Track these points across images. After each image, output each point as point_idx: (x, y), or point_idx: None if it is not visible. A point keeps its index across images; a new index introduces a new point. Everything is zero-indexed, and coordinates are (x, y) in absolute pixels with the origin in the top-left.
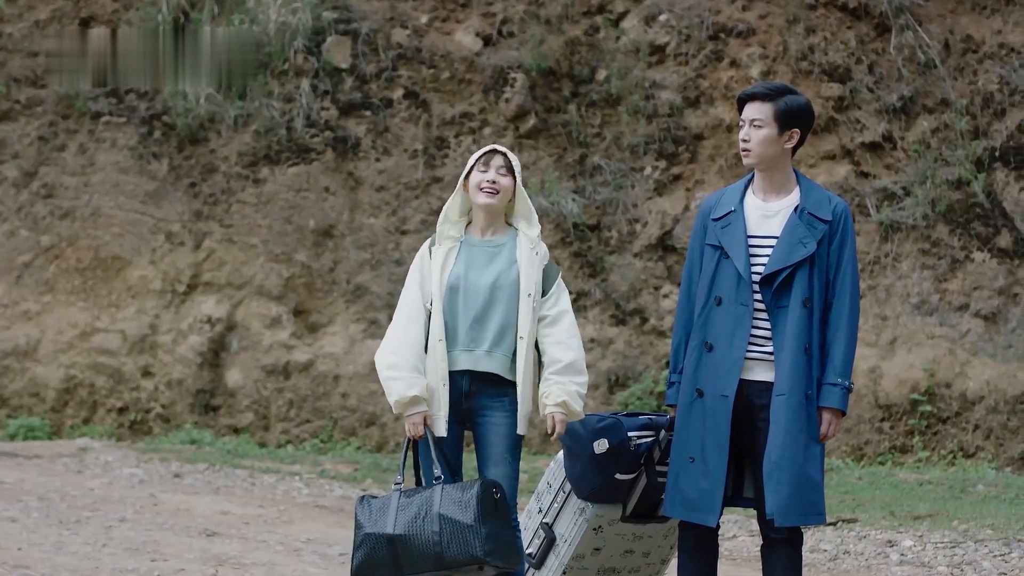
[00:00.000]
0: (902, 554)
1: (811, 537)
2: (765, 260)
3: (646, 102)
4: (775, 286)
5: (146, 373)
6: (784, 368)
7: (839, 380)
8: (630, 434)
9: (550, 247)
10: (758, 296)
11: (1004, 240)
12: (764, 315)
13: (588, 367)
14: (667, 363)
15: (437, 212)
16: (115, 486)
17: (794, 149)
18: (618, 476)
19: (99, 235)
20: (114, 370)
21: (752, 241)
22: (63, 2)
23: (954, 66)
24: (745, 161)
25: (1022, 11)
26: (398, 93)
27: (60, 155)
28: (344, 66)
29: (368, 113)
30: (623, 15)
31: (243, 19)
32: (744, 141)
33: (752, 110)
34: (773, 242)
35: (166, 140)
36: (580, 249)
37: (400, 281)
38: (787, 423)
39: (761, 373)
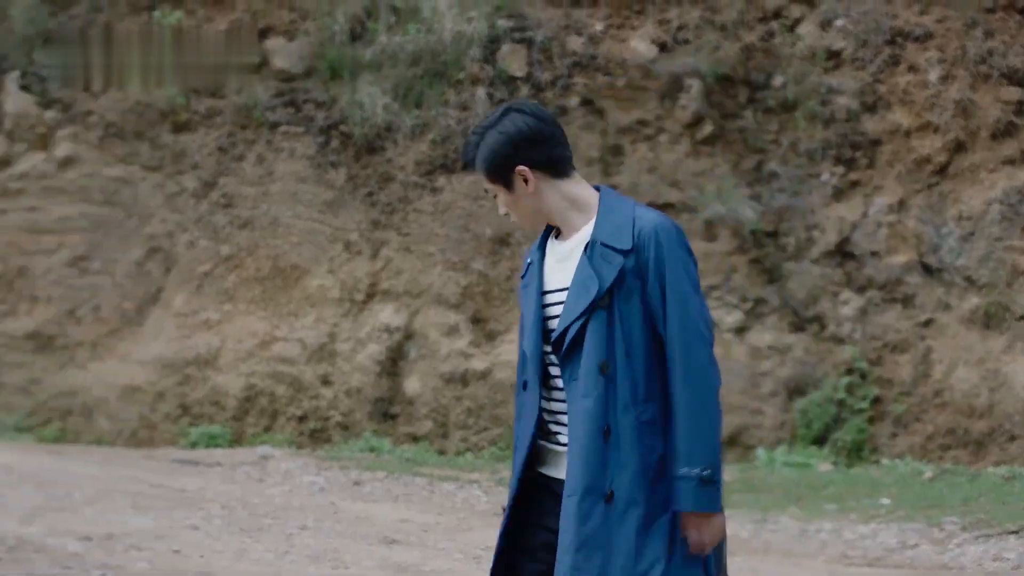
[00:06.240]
0: None
1: (994, 546)
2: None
3: (823, 107)
4: (564, 350)
5: (325, 382)
6: (575, 461)
7: (686, 469)
8: None
9: (726, 254)
10: (557, 369)
11: None
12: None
13: (765, 375)
14: (847, 371)
15: None
16: (295, 494)
17: (552, 172)
18: None
19: (278, 244)
20: (293, 379)
21: (547, 299)
22: (241, 13)
23: None
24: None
25: None
26: (573, 101)
27: (239, 165)
28: (519, 74)
29: None
30: (799, 20)
31: (419, 28)
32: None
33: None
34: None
35: (343, 149)
36: (757, 256)
37: None
38: (574, 536)
39: (559, 469)
